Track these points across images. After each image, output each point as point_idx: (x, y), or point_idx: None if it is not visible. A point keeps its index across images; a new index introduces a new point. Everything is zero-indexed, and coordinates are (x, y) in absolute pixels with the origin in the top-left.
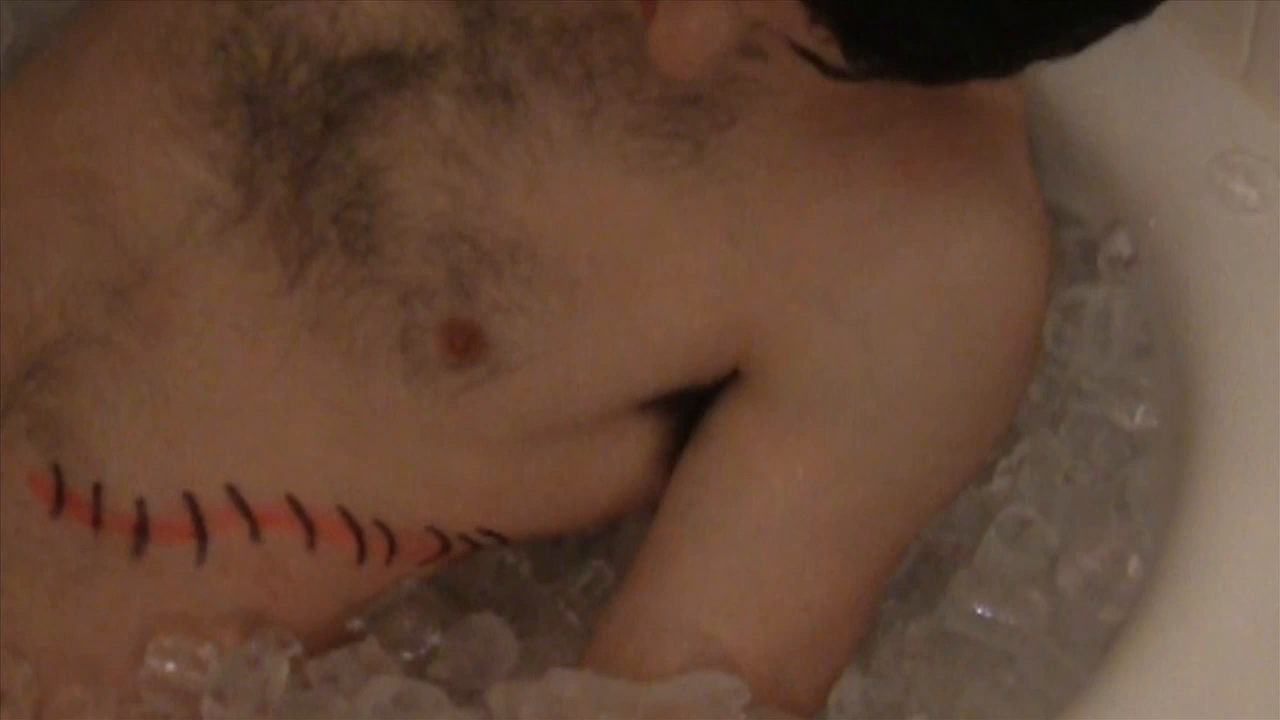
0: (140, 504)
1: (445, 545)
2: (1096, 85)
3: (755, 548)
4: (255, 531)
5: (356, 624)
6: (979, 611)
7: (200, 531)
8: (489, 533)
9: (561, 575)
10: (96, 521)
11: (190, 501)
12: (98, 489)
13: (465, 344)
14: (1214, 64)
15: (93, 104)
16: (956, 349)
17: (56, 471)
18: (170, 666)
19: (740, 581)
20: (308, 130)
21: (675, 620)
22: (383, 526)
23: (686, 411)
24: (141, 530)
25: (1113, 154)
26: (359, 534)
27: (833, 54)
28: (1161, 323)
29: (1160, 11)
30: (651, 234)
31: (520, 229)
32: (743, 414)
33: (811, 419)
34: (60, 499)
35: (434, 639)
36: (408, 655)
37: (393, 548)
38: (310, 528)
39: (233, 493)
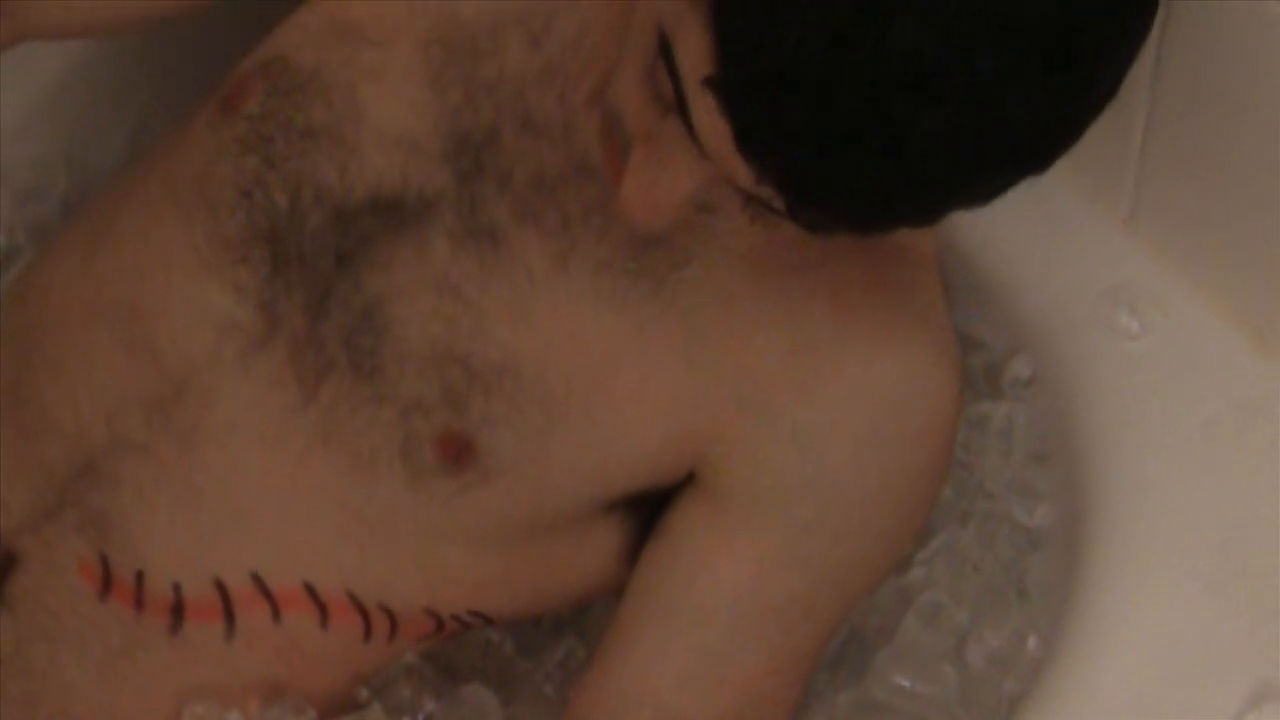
0: (177, 588)
1: (439, 625)
2: (1000, 229)
3: (707, 628)
4: (276, 613)
5: (363, 693)
6: (899, 683)
7: (229, 612)
8: (477, 614)
9: (540, 651)
10: (139, 604)
11: (220, 587)
12: (140, 576)
13: (459, 453)
14: (1102, 212)
15: (134, 244)
16: (882, 456)
17: (104, 561)
18: None
19: (694, 657)
20: (321, 266)
21: (638, 691)
22: (385, 609)
23: (648, 510)
24: (178, 611)
25: (1014, 288)
26: (366, 615)
27: (779, 206)
28: (1056, 434)
29: (1057, 166)
30: (619, 358)
31: (506, 353)
32: (697, 512)
33: (756, 517)
34: (107, 585)
35: (430, 706)
36: None
37: (394, 627)
38: (323, 610)
39: (256, 579)
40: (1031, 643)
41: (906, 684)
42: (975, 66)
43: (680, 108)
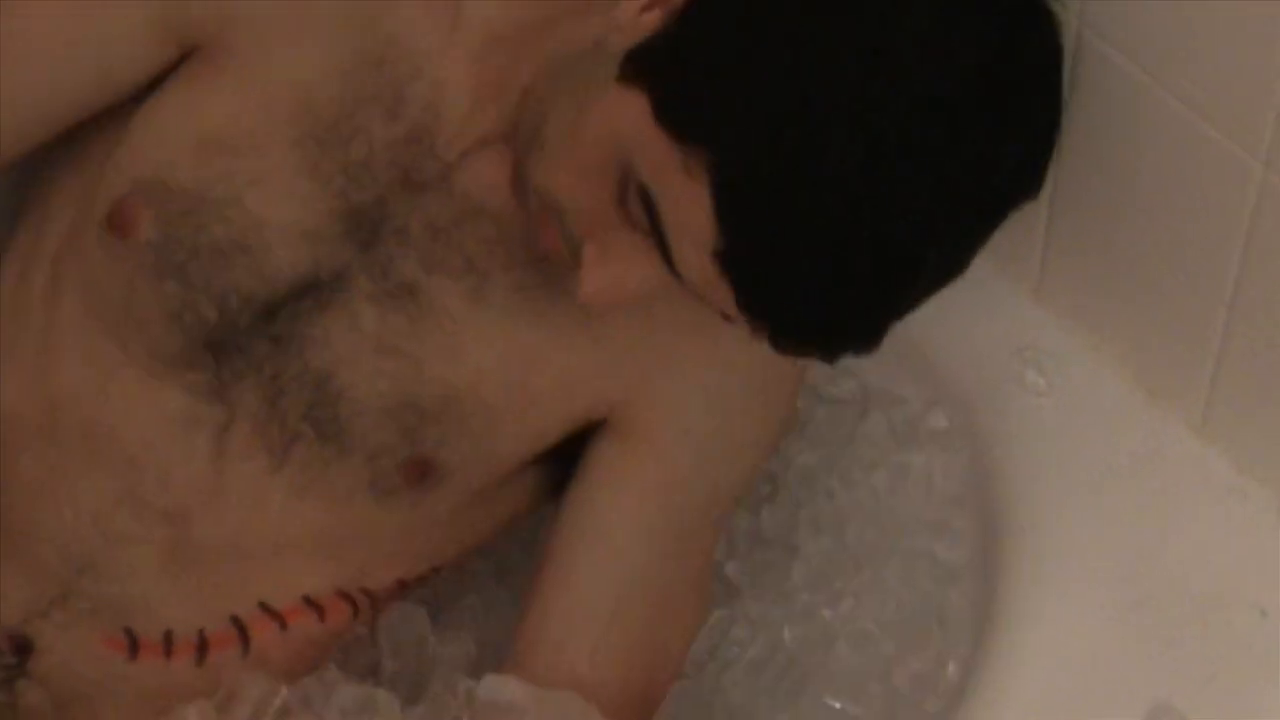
0: (200, 632)
1: (404, 586)
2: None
3: (633, 544)
4: (283, 625)
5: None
6: (832, 704)
7: (244, 638)
8: (435, 568)
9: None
10: (168, 654)
11: (235, 622)
12: (169, 635)
13: (421, 473)
14: (1012, 282)
15: (77, 367)
16: (762, 395)
17: (129, 632)
18: None
19: (627, 570)
20: (260, 352)
21: (584, 607)
22: (367, 592)
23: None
24: (202, 648)
25: (932, 349)
26: (353, 601)
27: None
28: (971, 479)
29: None
30: (538, 360)
31: (446, 387)
32: (612, 452)
33: (663, 451)
34: (135, 649)
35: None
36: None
37: (373, 602)
38: (320, 610)
39: (263, 606)
40: (951, 667)
41: (839, 705)
42: (945, 246)
43: (659, 239)
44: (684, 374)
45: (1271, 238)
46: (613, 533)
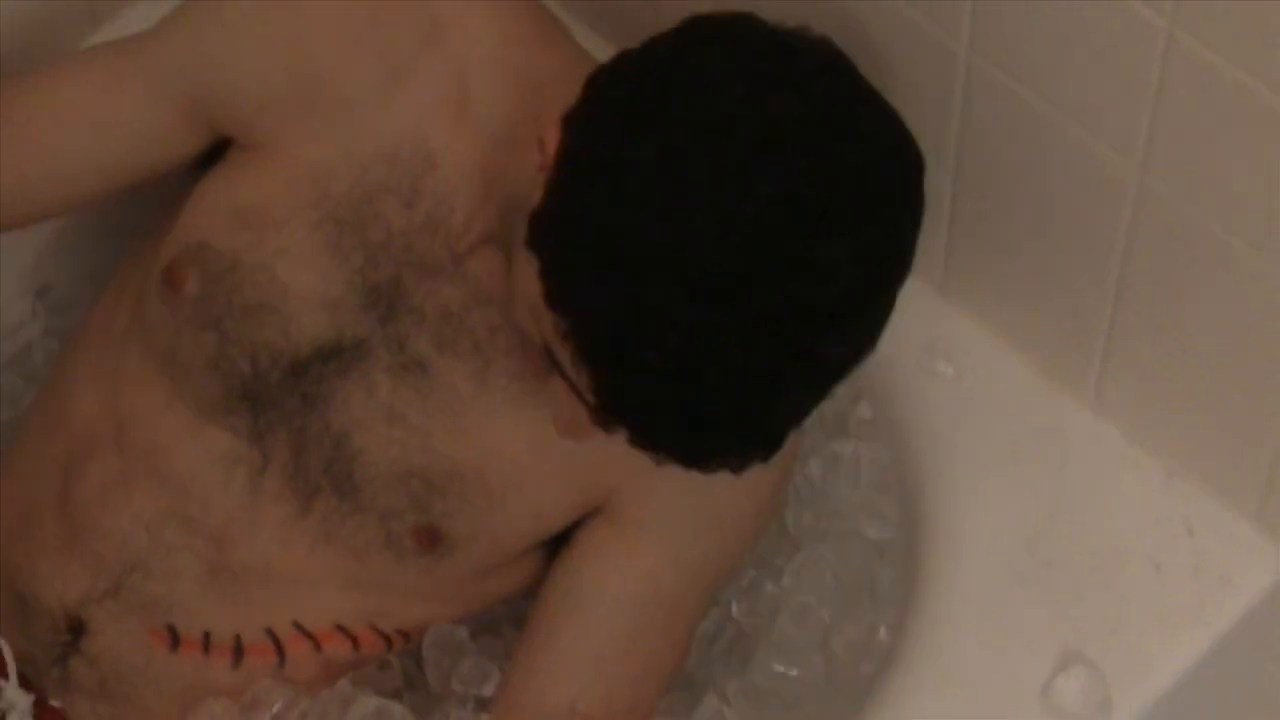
0: (237, 638)
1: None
2: None
3: (616, 617)
4: (318, 647)
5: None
6: (777, 670)
7: (280, 651)
8: (455, 620)
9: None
10: (206, 652)
11: (271, 634)
12: (207, 635)
13: (430, 540)
14: (920, 281)
15: (141, 393)
16: (753, 484)
17: (171, 629)
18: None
19: (608, 640)
20: (292, 407)
21: (565, 670)
22: (402, 632)
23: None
24: (238, 653)
25: None
26: (388, 639)
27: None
28: (895, 463)
29: None
30: (538, 446)
31: (451, 463)
32: (602, 533)
33: (651, 535)
34: (176, 643)
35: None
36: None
37: (407, 639)
38: (355, 640)
39: (298, 626)
40: (882, 632)
41: (783, 670)
42: (801, 359)
43: (576, 393)
44: (672, 471)
45: (1149, 234)
46: (596, 604)
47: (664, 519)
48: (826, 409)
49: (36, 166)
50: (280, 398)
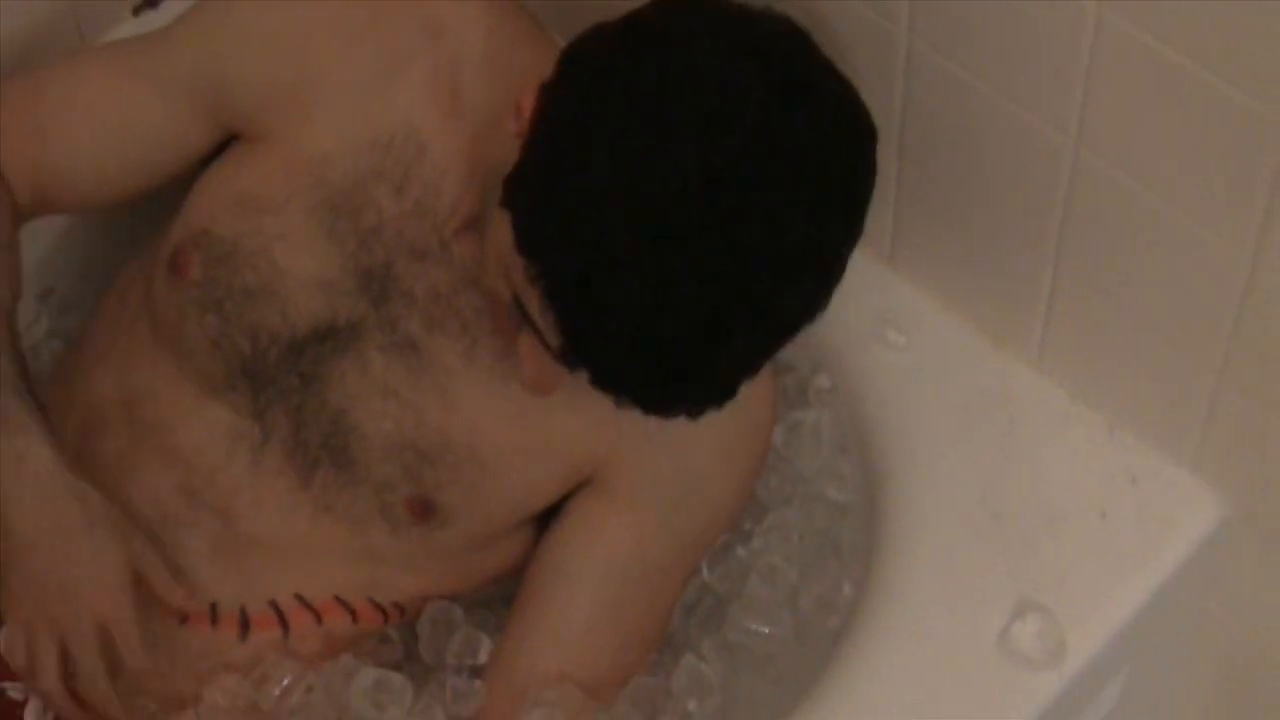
0: (242, 609)
1: (423, 606)
2: None
3: (605, 583)
4: (319, 619)
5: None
6: (749, 627)
7: (284, 623)
8: (449, 595)
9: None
10: (214, 624)
11: (274, 606)
12: (214, 606)
13: (424, 511)
14: (870, 254)
15: (149, 372)
16: (729, 452)
17: None
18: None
19: (597, 606)
20: (290, 385)
21: (555, 636)
22: (398, 605)
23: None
24: (244, 625)
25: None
26: (384, 611)
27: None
28: (853, 429)
29: None
30: (524, 419)
31: (442, 435)
32: (590, 501)
33: (638, 502)
34: (185, 616)
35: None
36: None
37: (403, 613)
38: (354, 613)
39: (299, 598)
40: (846, 589)
41: (754, 627)
42: (755, 305)
43: (542, 340)
44: (656, 439)
45: (1084, 204)
46: (585, 574)
47: (649, 490)
48: (787, 380)
49: (67, 162)
50: (279, 376)
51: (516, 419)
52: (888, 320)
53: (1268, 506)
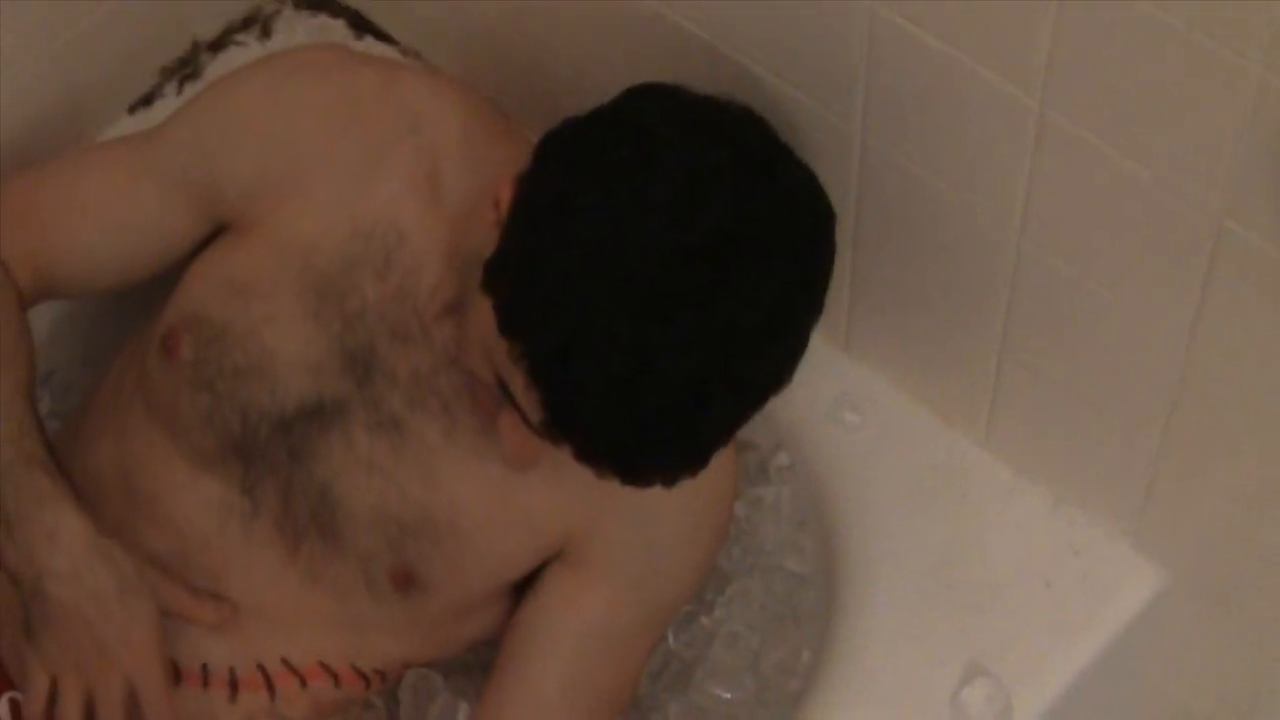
0: (231, 671)
1: (403, 672)
2: None
3: (578, 650)
4: (304, 683)
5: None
6: (713, 691)
7: (270, 685)
8: (429, 663)
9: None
10: (205, 684)
11: (261, 669)
12: (205, 667)
13: (406, 581)
14: (827, 340)
15: (144, 446)
16: (692, 525)
17: (173, 662)
18: None
19: (572, 670)
20: (279, 460)
21: (532, 700)
22: (379, 672)
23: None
24: (234, 686)
25: (773, 405)
26: (365, 678)
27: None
28: (812, 503)
29: None
30: (504, 495)
31: (424, 510)
32: (564, 573)
33: (608, 573)
34: (178, 677)
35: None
36: None
37: (384, 680)
38: (336, 678)
39: (285, 662)
40: (805, 655)
41: (719, 692)
42: (731, 376)
43: (524, 418)
44: (624, 515)
45: (1028, 292)
46: (559, 642)
47: (619, 562)
48: (749, 458)
49: (67, 255)
50: (269, 452)
51: (495, 494)
52: (844, 401)
53: (1203, 577)
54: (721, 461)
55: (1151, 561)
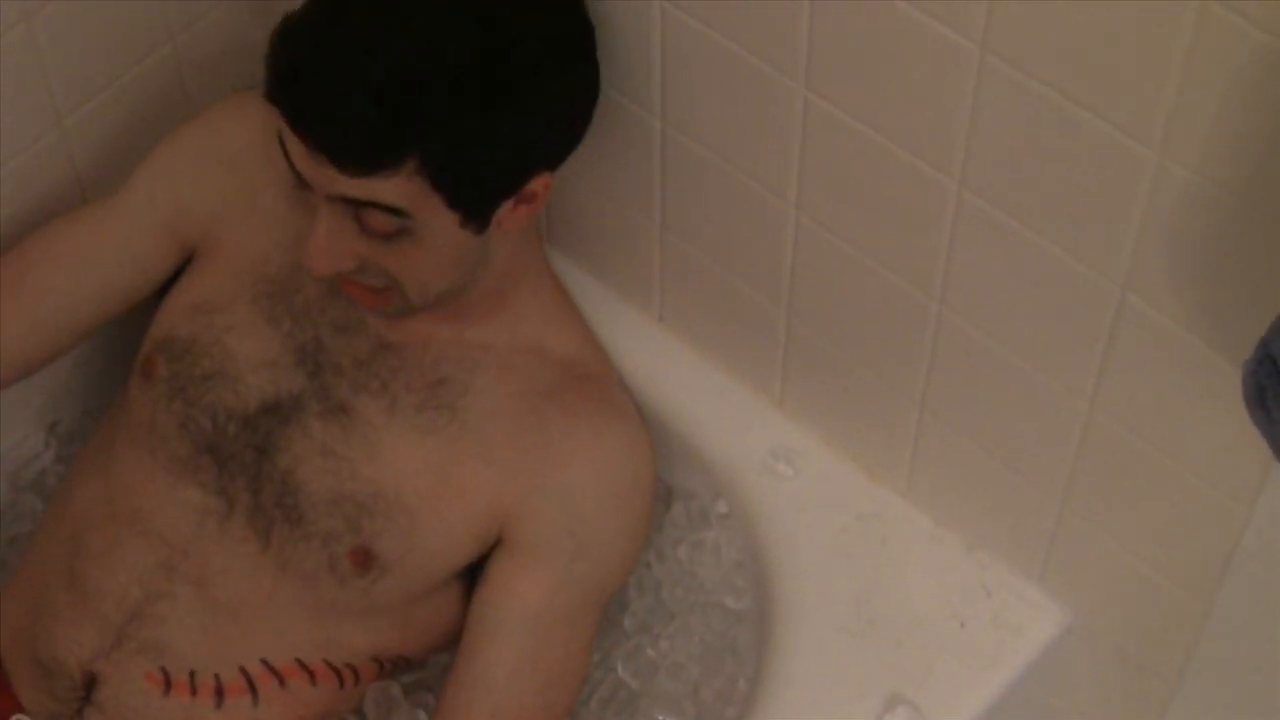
0: (217, 677)
1: (381, 668)
2: (703, 424)
3: (522, 634)
4: (282, 682)
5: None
6: (658, 717)
7: (252, 688)
8: (400, 657)
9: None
10: (193, 693)
11: (243, 672)
12: (192, 674)
13: (364, 560)
14: (762, 398)
15: (127, 472)
16: (616, 503)
17: (164, 671)
18: None
19: (518, 654)
20: (248, 458)
21: (484, 684)
22: (350, 666)
23: (472, 579)
24: (219, 693)
25: (712, 457)
26: (339, 673)
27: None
28: (748, 548)
29: (741, 375)
30: (444, 470)
31: (374, 485)
32: (504, 561)
33: (541, 558)
34: (169, 686)
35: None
36: None
37: (357, 676)
38: (311, 675)
39: (265, 663)
40: (741, 684)
41: (662, 718)
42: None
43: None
44: (549, 494)
45: (947, 356)
46: (503, 628)
47: (547, 542)
48: (691, 505)
49: (43, 308)
50: (238, 450)
51: (434, 470)
52: (778, 455)
53: (1104, 616)
54: (637, 449)
55: (1056, 601)
